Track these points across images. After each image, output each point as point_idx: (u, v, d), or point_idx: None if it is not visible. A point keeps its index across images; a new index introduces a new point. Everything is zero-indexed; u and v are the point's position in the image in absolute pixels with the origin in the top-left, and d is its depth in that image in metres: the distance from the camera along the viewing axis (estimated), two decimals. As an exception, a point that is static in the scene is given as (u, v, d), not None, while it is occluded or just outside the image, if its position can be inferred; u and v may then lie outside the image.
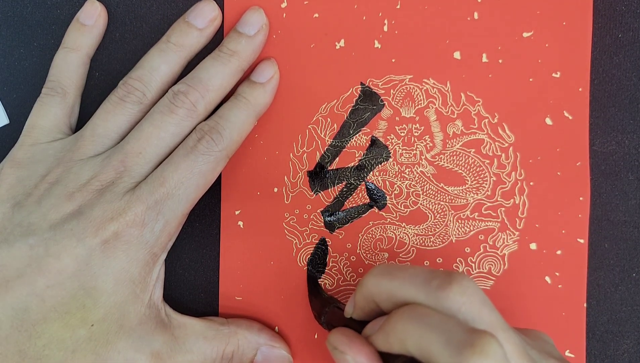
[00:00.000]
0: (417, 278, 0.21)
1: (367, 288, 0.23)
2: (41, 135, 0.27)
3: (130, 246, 0.24)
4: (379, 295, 0.22)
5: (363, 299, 0.23)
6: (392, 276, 0.22)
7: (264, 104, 0.28)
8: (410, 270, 0.22)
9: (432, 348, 0.19)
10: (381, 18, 0.28)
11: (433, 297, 0.20)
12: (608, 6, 0.28)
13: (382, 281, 0.22)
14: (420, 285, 0.21)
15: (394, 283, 0.22)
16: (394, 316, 0.21)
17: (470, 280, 0.21)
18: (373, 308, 0.23)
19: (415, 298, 0.21)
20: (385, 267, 0.23)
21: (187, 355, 0.26)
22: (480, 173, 0.28)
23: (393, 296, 0.22)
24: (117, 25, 0.30)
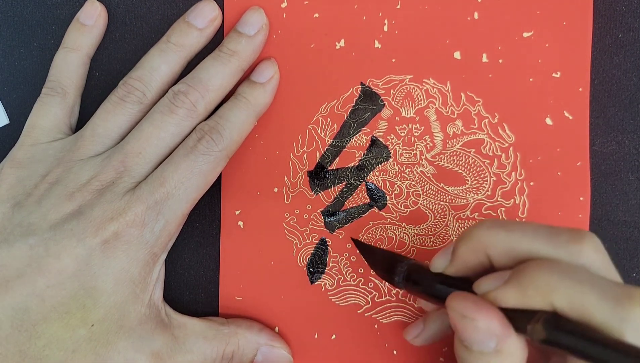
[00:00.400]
0: (540, 230, 0.20)
1: (479, 239, 0.21)
2: (41, 135, 0.27)
3: (130, 246, 0.24)
4: (493, 247, 0.20)
5: (470, 252, 0.21)
6: (509, 228, 0.20)
7: (264, 104, 0.28)
8: (528, 223, 0.20)
9: (587, 301, 0.17)
10: (381, 18, 0.28)
11: (564, 252, 0.19)
12: (608, 6, 0.28)
13: (499, 233, 0.20)
14: (546, 239, 0.20)
15: (514, 235, 0.20)
16: (531, 268, 0.19)
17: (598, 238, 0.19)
18: (481, 262, 0.21)
19: (542, 252, 0.19)
20: (498, 220, 0.21)
21: (187, 355, 0.26)
22: (481, 173, 0.28)
23: (512, 250, 0.20)
24: (117, 25, 0.30)
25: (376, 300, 0.29)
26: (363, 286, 0.29)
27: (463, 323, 0.19)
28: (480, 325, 0.19)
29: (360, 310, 0.29)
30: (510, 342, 0.19)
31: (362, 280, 0.29)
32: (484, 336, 0.19)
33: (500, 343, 0.19)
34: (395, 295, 0.29)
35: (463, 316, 0.19)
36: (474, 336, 0.19)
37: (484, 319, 0.19)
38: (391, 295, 0.29)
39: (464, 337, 0.20)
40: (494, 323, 0.19)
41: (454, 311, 0.20)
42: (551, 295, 0.18)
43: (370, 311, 0.29)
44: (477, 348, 0.19)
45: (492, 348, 0.19)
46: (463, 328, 0.19)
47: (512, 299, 0.19)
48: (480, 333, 0.19)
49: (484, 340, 0.19)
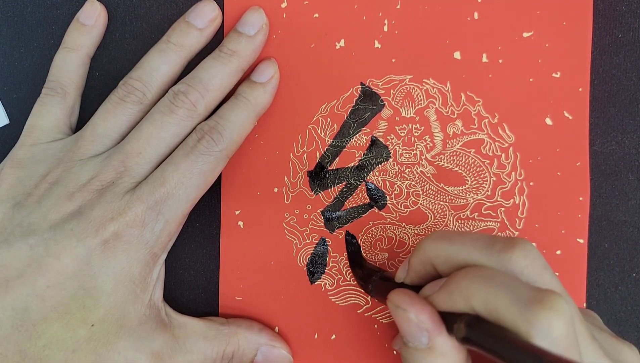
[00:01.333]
0: (477, 241, 0.21)
1: (425, 251, 0.23)
2: (41, 135, 0.27)
3: (130, 246, 0.24)
4: (437, 257, 0.22)
5: (419, 262, 0.23)
6: (451, 240, 0.22)
7: (264, 104, 0.28)
8: (469, 234, 0.22)
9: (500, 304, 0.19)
10: (381, 18, 0.28)
11: (495, 260, 0.20)
12: (608, 6, 0.28)
13: (441, 245, 0.22)
14: (481, 248, 0.21)
15: (454, 246, 0.22)
16: (457, 275, 0.21)
17: (532, 245, 0.21)
18: (429, 272, 0.23)
19: (477, 260, 0.21)
20: (443, 232, 0.23)
21: (187, 355, 0.26)
22: (480, 173, 0.28)
23: (452, 259, 0.22)
24: (117, 25, 0.30)
25: (376, 300, 0.29)
26: (363, 286, 0.29)
27: (397, 314, 0.21)
28: (411, 316, 0.21)
29: (360, 310, 0.29)
30: (441, 340, 0.20)
31: (362, 280, 0.29)
32: (415, 329, 0.21)
33: (432, 339, 0.20)
34: (395, 295, 0.29)
35: (397, 307, 0.21)
36: (407, 328, 0.21)
37: (414, 311, 0.21)
38: (391, 295, 0.29)
39: (400, 331, 0.21)
40: (424, 316, 0.21)
41: (391, 304, 0.22)
42: (470, 298, 0.20)
43: (370, 311, 0.29)
44: (411, 343, 0.21)
45: (425, 344, 0.21)
46: (398, 321, 0.21)
47: (443, 302, 0.21)
48: (412, 325, 0.21)
49: (416, 334, 0.21)
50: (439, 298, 0.21)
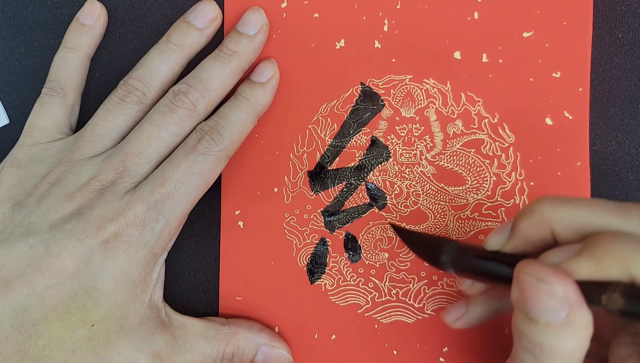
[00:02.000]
0: (608, 205, 0.20)
1: (542, 214, 0.20)
2: (41, 135, 0.27)
3: (130, 246, 0.24)
4: (559, 222, 0.20)
5: (532, 227, 0.21)
6: (575, 203, 0.20)
7: (264, 104, 0.28)
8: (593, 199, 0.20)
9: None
10: (381, 18, 0.28)
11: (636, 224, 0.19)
12: (608, 6, 0.28)
13: (564, 208, 0.20)
14: (616, 213, 0.19)
15: (581, 209, 0.20)
16: (607, 238, 0.19)
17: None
18: (543, 238, 0.21)
19: (612, 225, 0.19)
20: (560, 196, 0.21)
21: (187, 355, 0.26)
22: (480, 173, 0.28)
23: (579, 224, 0.20)
24: (117, 25, 0.30)
25: (376, 300, 0.29)
26: (363, 286, 0.29)
27: (538, 288, 0.19)
28: (557, 289, 0.18)
29: (360, 310, 0.29)
30: (581, 314, 0.18)
31: (362, 280, 0.29)
32: (558, 303, 0.18)
33: (572, 314, 0.18)
34: (395, 295, 0.29)
35: (539, 281, 0.19)
36: (547, 303, 0.18)
37: (561, 284, 0.18)
38: (391, 295, 0.29)
39: (533, 306, 0.19)
40: (570, 289, 0.18)
41: (529, 276, 0.19)
42: (630, 265, 0.18)
43: (370, 311, 0.29)
44: (545, 318, 0.19)
45: (562, 319, 0.18)
46: (536, 295, 0.19)
47: (586, 270, 0.18)
48: (555, 299, 0.18)
49: (556, 309, 0.18)
50: (580, 266, 0.19)
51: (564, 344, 0.19)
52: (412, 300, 0.29)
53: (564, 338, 0.19)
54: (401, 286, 0.29)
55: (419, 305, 0.28)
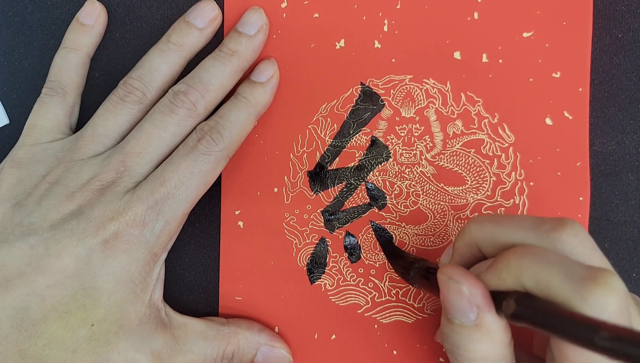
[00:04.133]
0: (525, 222, 0.21)
1: (470, 234, 0.23)
2: (41, 135, 0.27)
3: (130, 246, 0.24)
4: (483, 240, 0.22)
5: (464, 245, 0.23)
6: (497, 221, 0.22)
7: (264, 104, 0.28)
8: (515, 216, 0.22)
9: (552, 281, 0.19)
10: (381, 18, 0.28)
11: (545, 239, 0.20)
12: (608, 6, 0.28)
13: (487, 226, 0.22)
14: (529, 228, 0.21)
15: (501, 227, 0.22)
16: (506, 253, 0.20)
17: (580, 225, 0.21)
18: (474, 255, 0.23)
19: (525, 240, 0.21)
20: (488, 215, 0.23)
21: (187, 355, 0.26)
22: (480, 173, 0.28)
23: (499, 241, 0.22)
24: (117, 25, 0.30)
25: (376, 300, 0.29)
26: (363, 286, 0.29)
27: (449, 287, 0.21)
28: (464, 289, 0.20)
29: (360, 310, 0.29)
30: (490, 318, 0.20)
31: (362, 280, 0.29)
32: (466, 303, 0.20)
33: (481, 316, 0.20)
34: (395, 295, 0.29)
35: (449, 279, 0.21)
36: (457, 302, 0.20)
37: (467, 284, 0.20)
38: (391, 295, 0.29)
39: (447, 304, 0.21)
40: (476, 290, 0.20)
41: (444, 276, 0.21)
42: (521, 276, 0.19)
43: (370, 311, 0.29)
44: (458, 319, 0.21)
45: (472, 320, 0.20)
46: (448, 294, 0.21)
47: (491, 281, 0.21)
48: (463, 299, 0.20)
49: (465, 309, 0.20)
50: (487, 277, 0.21)
51: (477, 346, 0.21)
52: (412, 300, 0.29)
53: (476, 340, 0.20)
54: (401, 286, 0.29)
55: (418, 305, 0.28)
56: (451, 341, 0.21)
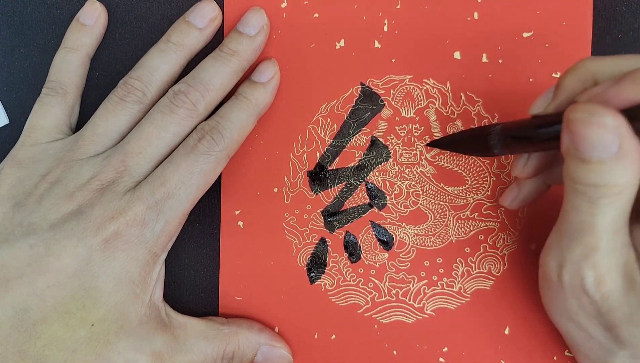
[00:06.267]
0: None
1: (586, 67, 0.21)
2: (41, 135, 0.27)
3: (130, 245, 0.24)
4: (602, 72, 0.21)
5: (577, 80, 0.22)
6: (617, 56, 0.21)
7: (265, 104, 0.28)
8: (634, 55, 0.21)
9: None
10: (381, 18, 0.28)
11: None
12: (608, 6, 0.28)
13: (607, 59, 0.21)
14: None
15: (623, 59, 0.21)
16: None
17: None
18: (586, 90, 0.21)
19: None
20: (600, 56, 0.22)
21: (187, 355, 0.26)
22: (480, 173, 0.28)
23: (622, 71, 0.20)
24: (117, 25, 0.30)
25: (376, 300, 0.29)
26: (363, 286, 0.29)
27: (590, 122, 0.19)
28: (608, 120, 0.19)
29: (360, 310, 0.29)
30: (631, 145, 0.19)
31: (362, 280, 0.29)
32: (610, 135, 0.19)
33: (623, 146, 0.19)
34: (395, 295, 0.29)
35: (590, 115, 0.19)
36: (600, 136, 0.19)
37: (612, 115, 0.19)
38: (391, 295, 0.29)
39: (586, 144, 0.19)
40: (620, 119, 0.19)
41: (579, 113, 0.19)
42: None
43: (370, 312, 0.29)
44: (598, 155, 0.19)
45: (614, 152, 0.19)
46: (588, 130, 0.19)
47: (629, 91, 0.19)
48: (607, 131, 0.19)
49: (608, 142, 0.19)
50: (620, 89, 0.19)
51: (617, 180, 0.19)
52: (412, 300, 0.29)
53: (617, 173, 0.19)
54: (401, 286, 0.29)
55: (418, 305, 0.28)
56: (587, 181, 0.20)
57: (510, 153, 0.25)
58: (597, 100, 0.20)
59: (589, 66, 0.21)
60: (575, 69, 0.22)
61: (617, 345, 0.22)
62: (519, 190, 0.26)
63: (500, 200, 0.27)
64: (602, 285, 0.21)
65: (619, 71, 0.21)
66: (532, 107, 0.23)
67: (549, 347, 0.28)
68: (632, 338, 0.22)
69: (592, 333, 0.23)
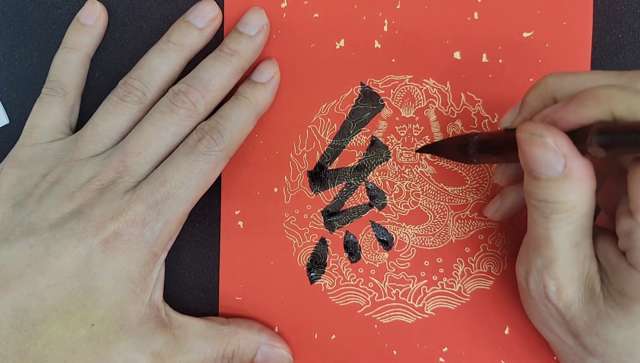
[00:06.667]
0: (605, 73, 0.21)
1: (547, 85, 0.22)
2: (41, 135, 0.27)
3: (130, 245, 0.24)
4: (560, 90, 0.22)
5: (538, 97, 0.22)
6: (576, 74, 0.22)
7: (265, 104, 0.28)
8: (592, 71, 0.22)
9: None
10: (381, 18, 0.28)
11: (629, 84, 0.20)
12: (608, 6, 0.28)
13: (566, 78, 0.22)
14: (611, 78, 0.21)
15: (581, 77, 0.21)
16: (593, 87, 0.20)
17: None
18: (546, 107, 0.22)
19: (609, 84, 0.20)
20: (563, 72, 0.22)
21: (187, 355, 0.26)
22: (480, 173, 0.28)
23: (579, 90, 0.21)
24: (117, 25, 0.30)
25: (376, 300, 0.29)
26: (363, 286, 0.29)
27: (532, 142, 0.20)
28: (549, 141, 0.20)
29: (360, 310, 0.29)
30: (577, 164, 0.20)
31: (362, 280, 0.29)
32: (552, 154, 0.20)
33: (569, 165, 0.20)
34: (395, 295, 0.29)
35: (532, 135, 0.20)
36: (543, 156, 0.20)
37: (551, 136, 0.20)
38: (391, 295, 0.29)
39: (532, 162, 0.20)
40: (561, 140, 0.20)
41: (524, 133, 0.20)
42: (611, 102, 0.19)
43: (370, 312, 0.29)
44: (545, 173, 0.20)
45: (560, 171, 0.20)
46: (532, 149, 0.20)
47: (572, 114, 0.20)
48: (549, 151, 0.20)
49: (552, 161, 0.20)
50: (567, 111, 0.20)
51: (566, 197, 0.20)
52: (412, 300, 0.29)
53: (565, 191, 0.20)
54: (401, 286, 0.29)
55: (418, 305, 0.28)
56: (538, 197, 0.21)
57: (487, 162, 0.26)
58: (547, 120, 0.21)
59: (549, 84, 0.22)
60: (537, 86, 0.22)
61: (585, 353, 0.23)
62: (501, 202, 0.26)
63: (484, 211, 0.27)
64: (563, 295, 0.22)
65: (575, 90, 0.21)
66: (501, 121, 0.24)
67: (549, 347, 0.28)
68: (595, 347, 0.22)
69: (564, 339, 0.23)
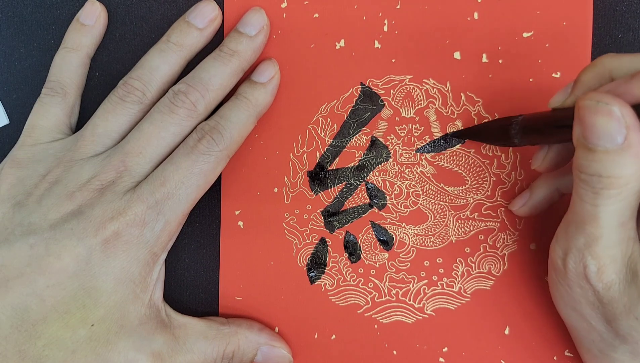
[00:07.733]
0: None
1: (604, 64, 0.22)
2: (41, 135, 0.27)
3: (130, 245, 0.24)
4: (619, 68, 0.21)
5: (594, 77, 0.22)
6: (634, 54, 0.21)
7: (265, 104, 0.28)
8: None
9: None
10: (381, 18, 0.28)
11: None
12: (608, 6, 0.28)
13: (624, 57, 0.21)
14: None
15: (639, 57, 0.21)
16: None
17: None
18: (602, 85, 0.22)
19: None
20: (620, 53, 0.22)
21: (187, 355, 0.26)
22: (480, 173, 0.28)
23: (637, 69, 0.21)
24: (117, 25, 0.30)
25: (376, 300, 0.29)
26: (363, 286, 0.29)
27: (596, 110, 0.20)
28: (614, 109, 0.19)
29: (360, 310, 0.29)
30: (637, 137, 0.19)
31: (362, 280, 0.29)
32: (616, 124, 0.19)
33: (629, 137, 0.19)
34: (395, 295, 0.29)
35: (597, 102, 0.20)
36: (605, 125, 0.19)
37: (618, 104, 0.19)
38: (391, 295, 0.29)
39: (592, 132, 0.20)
40: (627, 110, 0.19)
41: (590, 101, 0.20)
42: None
43: (370, 312, 0.29)
44: (603, 145, 0.20)
45: (620, 143, 0.19)
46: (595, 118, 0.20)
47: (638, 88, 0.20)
48: (613, 120, 0.19)
49: (614, 131, 0.19)
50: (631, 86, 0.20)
51: (621, 171, 0.20)
52: (412, 300, 0.29)
53: (621, 164, 0.20)
54: (401, 286, 0.29)
55: (418, 305, 0.28)
56: (590, 171, 0.20)
57: (529, 144, 0.25)
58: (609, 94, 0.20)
59: (606, 63, 0.22)
60: (594, 66, 0.22)
61: (617, 339, 0.22)
62: (531, 196, 0.26)
63: (510, 205, 0.27)
64: (604, 275, 0.22)
65: (634, 69, 0.21)
66: (551, 101, 0.23)
67: (549, 346, 0.28)
68: (631, 331, 0.22)
69: (594, 324, 0.23)
